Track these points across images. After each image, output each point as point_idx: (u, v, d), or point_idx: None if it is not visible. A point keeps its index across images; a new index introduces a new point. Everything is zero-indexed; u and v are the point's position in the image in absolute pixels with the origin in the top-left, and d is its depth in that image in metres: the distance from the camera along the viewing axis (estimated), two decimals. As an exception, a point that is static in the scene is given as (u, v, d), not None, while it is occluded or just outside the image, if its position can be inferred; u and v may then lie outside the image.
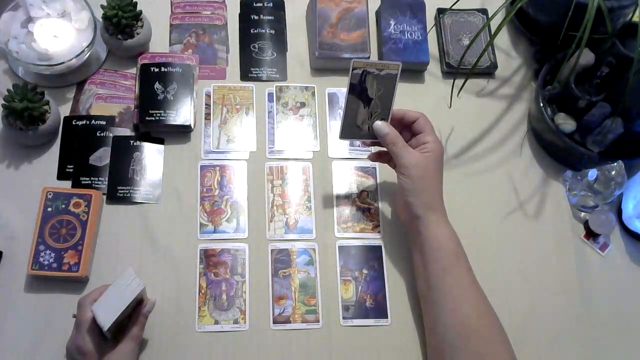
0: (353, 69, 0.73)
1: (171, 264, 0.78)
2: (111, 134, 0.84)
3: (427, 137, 0.75)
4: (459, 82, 0.87)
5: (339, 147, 0.88)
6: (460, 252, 0.73)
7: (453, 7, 0.87)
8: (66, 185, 0.81)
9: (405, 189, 0.74)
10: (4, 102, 0.78)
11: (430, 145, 0.75)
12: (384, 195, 0.86)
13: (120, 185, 0.82)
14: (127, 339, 0.68)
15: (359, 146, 0.88)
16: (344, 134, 0.78)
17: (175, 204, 0.82)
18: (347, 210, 0.84)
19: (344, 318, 0.78)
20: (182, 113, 0.85)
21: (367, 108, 0.76)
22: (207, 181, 0.84)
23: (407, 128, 0.78)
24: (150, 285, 0.73)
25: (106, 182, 0.82)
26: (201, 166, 0.85)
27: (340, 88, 0.92)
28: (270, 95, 0.91)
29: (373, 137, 0.78)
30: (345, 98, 0.75)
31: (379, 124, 0.76)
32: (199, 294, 0.77)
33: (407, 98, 0.91)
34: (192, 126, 0.86)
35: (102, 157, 0.83)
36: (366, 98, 0.75)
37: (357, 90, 0.75)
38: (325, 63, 0.92)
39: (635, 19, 0.86)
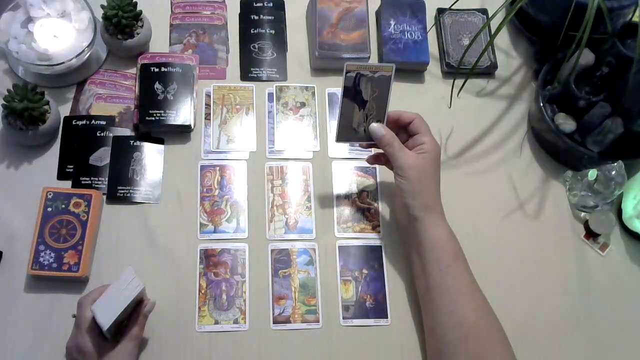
0: (346, 72, 0.73)
1: (171, 264, 0.78)
2: (111, 134, 0.84)
3: (424, 138, 0.75)
4: (459, 82, 0.87)
5: (339, 147, 0.88)
6: (459, 252, 0.73)
7: (453, 7, 0.87)
8: (66, 185, 0.81)
9: (402, 190, 0.74)
10: (4, 102, 0.78)
11: (426, 145, 0.74)
12: (384, 195, 0.86)
13: (120, 185, 0.82)
14: (126, 338, 0.68)
15: (359, 146, 0.88)
16: (339, 137, 0.78)
17: (175, 204, 0.82)
18: (347, 210, 0.84)
19: (344, 318, 0.78)
20: (182, 113, 0.85)
21: (362, 110, 0.76)
22: (207, 181, 0.84)
23: (404, 129, 0.78)
24: (150, 285, 0.73)
25: (106, 182, 0.82)
26: (201, 166, 0.85)
27: (340, 88, 0.92)
28: (270, 95, 0.91)
29: (369, 139, 0.77)
30: (339, 101, 0.75)
31: (374, 126, 0.76)
32: (199, 294, 0.77)
33: (407, 98, 0.91)
34: (192, 126, 0.86)
35: (102, 157, 0.83)
36: (361, 100, 0.75)
37: (352, 93, 0.75)
38: (325, 63, 0.92)
39: (635, 19, 0.86)
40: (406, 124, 0.77)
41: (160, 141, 0.86)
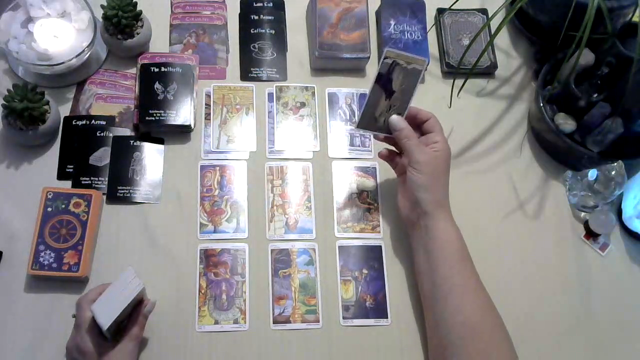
0: (384, 58, 0.74)
1: (171, 264, 0.78)
2: (111, 134, 0.84)
3: (437, 137, 0.76)
4: (459, 82, 0.87)
5: (339, 147, 0.88)
6: (466, 251, 0.74)
7: (453, 7, 0.87)
8: (66, 185, 0.81)
9: (416, 184, 0.74)
10: (4, 102, 0.78)
11: (439, 145, 0.76)
12: (384, 195, 0.86)
13: (120, 185, 0.82)
14: (126, 338, 0.68)
15: (359, 146, 0.88)
16: (361, 124, 0.78)
17: (175, 204, 0.82)
18: (347, 210, 0.84)
19: (344, 318, 0.78)
20: (182, 113, 0.85)
21: (388, 100, 0.76)
22: (207, 181, 0.84)
23: (417, 126, 0.79)
24: (150, 285, 0.73)
25: (106, 182, 0.82)
26: (201, 166, 0.85)
27: (340, 88, 0.92)
28: (270, 95, 0.91)
29: (387, 132, 0.78)
30: (370, 86, 0.76)
31: (395, 118, 0.77)
32: (199, 294, 0.77)
33: (407, 98, 0.91)
34: (192, 126, 0.86)
35: (102, 157, 0.83)
36: (389, 90, 0.76)
37: (383, 81, 0.75)
38: (325, 63, 0.92)
39: (635, 19, 0.86)
40: (422, 122, 0.78)
41: (160, 141, 0.86)
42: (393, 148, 0.82)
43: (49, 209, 0.77)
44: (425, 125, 0.78)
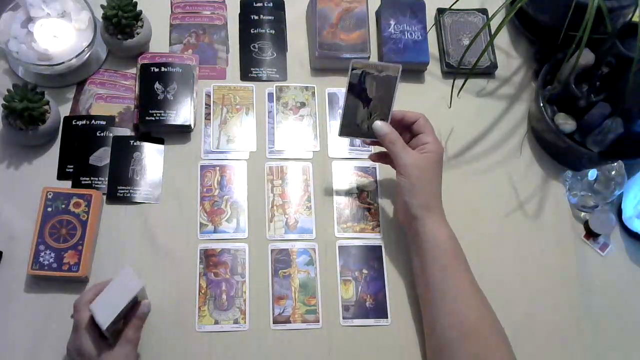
0: (352, 69, 0.74)
1: (171, 264, 0.78)
2: (111, 134, 0.84)
3: (427, 138, 0.75)
4: (459, 82, 0.87)
5: (339, 147, 0.88)
6: (459, 252, 0.73)
7: (453, 7, 0.87)
8: (66, 185, 0.81)
9: (403, 188, 0.74)
10: (4, 102, 0.78)
11: (430, 145, 0.75)
12: (384, 195, 0.86)
13: (120, 185, 0.82)
14: (122, 341, 0.67)
15: (359, 146, 0.88)
16: (342, 132, 0.78)
17: (175, 204, 0.82)
18: (347, 210, 0.84)
19: (344, 318, 0.78)
20: (182, 113, 0.85)
21: (366, 108, 0.76)
22: (207, 181, 0.84)
23: (407, 129, 0.78)
24: (150, 285, 0.73)
25: (106, 182, 0.82)
26: (201, 166, 0.85)
27: (340, 88, 0.92)
28: (270, 95, 0.91)
29: (373, 137, 0.78)
30: (344, 96, 0.75)
31: (378, 124, 0.76)
32: (199, 294, 0.77)
33: (407, 98, 0.90)
34: (192, 126, 0.86)
35: (102, 157, 0.83)
36: (365, 98, 0.76)
37: (357, 90, 0.75)
38: (325, 63, 0.92)
39: (635, 19, 0.86)
40: (410, 124, 0.77)
41: (160, 141, 0.86)
42: (384, 149, 0.81)
43: (49, 209, 0.77)
44: (415, 126, 0.77)
